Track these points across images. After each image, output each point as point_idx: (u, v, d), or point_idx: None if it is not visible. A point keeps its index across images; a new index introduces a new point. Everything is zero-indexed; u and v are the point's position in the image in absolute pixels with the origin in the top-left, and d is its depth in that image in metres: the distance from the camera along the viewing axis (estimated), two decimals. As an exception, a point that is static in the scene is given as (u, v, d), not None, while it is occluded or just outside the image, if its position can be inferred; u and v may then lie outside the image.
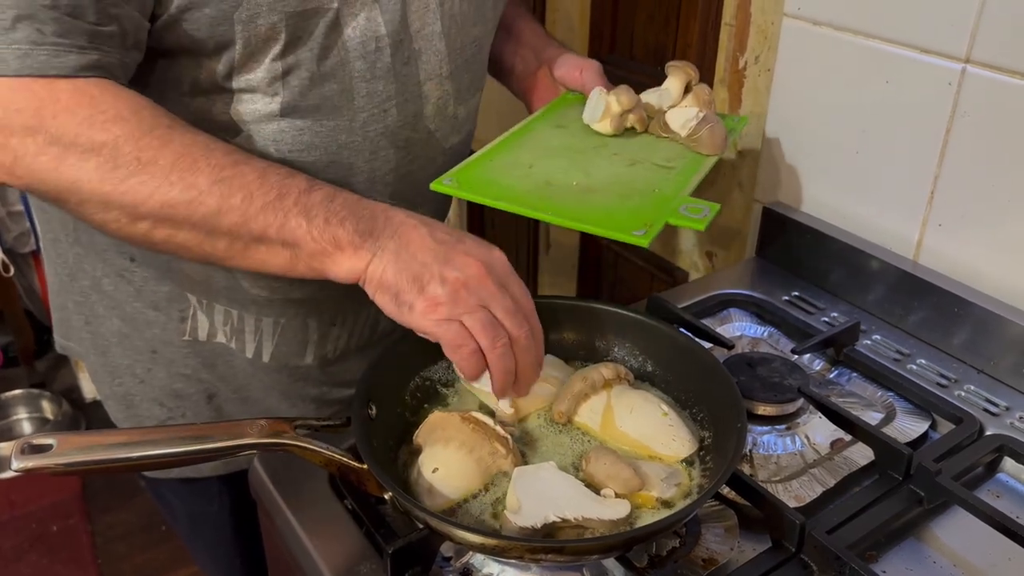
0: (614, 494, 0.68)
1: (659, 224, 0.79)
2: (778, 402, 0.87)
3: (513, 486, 0.68)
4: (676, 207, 0.81)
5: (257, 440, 0.66)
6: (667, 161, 0.92)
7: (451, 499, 0.69)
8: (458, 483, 0.69)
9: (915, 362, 0.97)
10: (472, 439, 0.70)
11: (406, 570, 0.69)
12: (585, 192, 0.85)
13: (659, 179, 0.88)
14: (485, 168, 0.88)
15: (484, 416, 0.72)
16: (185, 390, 0.95)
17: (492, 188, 0.84)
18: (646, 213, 0.80)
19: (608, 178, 0.87)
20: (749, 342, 1.01)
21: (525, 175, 0.87)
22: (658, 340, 0.84)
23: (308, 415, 0.99)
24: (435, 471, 0.69)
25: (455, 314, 0.67)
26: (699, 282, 1.12)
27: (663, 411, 0.76)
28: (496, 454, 0.70)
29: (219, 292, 0.89)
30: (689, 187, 0.86)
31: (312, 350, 0.96)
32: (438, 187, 0.84)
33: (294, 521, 0.76)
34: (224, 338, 0.92)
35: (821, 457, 0.84)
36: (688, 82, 1.00)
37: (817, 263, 1.09)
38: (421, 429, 0.74)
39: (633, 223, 0.78)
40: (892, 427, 0.87)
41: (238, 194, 0.68)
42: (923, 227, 1.00)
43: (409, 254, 0.68)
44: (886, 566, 0.75)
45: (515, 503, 0.67)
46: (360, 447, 0.68)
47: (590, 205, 0.82)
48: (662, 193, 0.85)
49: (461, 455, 0.70)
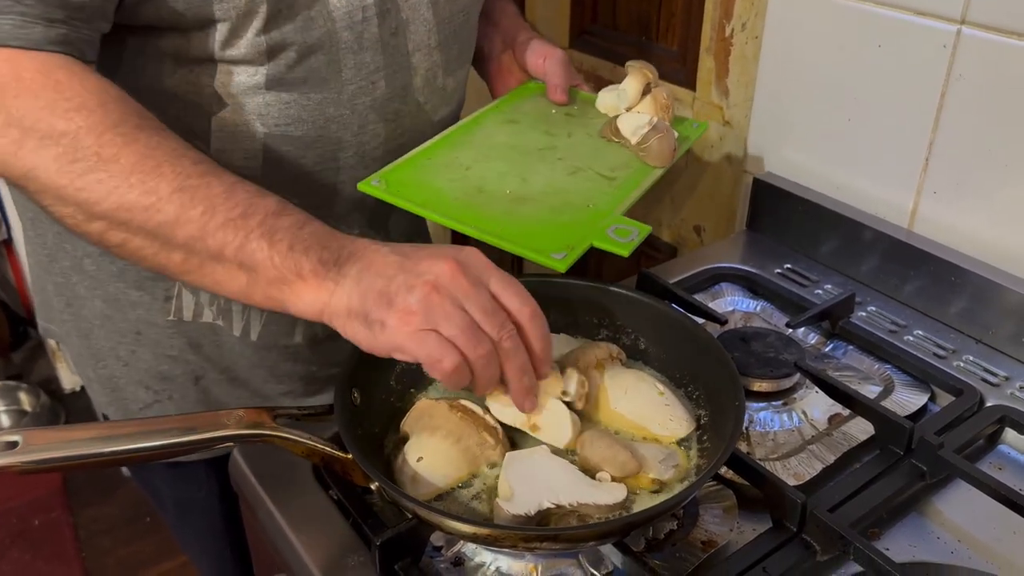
0: (610, 478, 0.65)
1: (582, 247, 0.74)
2: (774, 377, 0.85)
3: (505, 472, 0.66)
4: (605, 228, 0.77)
5: (235, 432, 0.63)
6: (611, 170, 0.87)
7: (436, 487, 0.66)
8: (443, 472, 0.66)
9: (912, 333, 0.95)
10: (460, 428, 0.68)
11: (395, 562, 0.67)
12: (517, 202, 0.81)
13: (597, 192, 0.83)
14: (420, 167, 0.84)
15: (473, 404, 0.69)
16: (171, 372, 0.92)
17: (421, 192, 0.80)
18: (573, 232, 0.76)
19: (544, 187, 0.83)
20: (742, 317, 0.99)
21: (460, 178, 0.83)
22: (650, 317, 0.82)
23: (297, 395, 0.97)
24: (420, 460, 0.67)
25: (430, 322, 0.60)
26: (689, 257, 1.09)
27: (659, 390, 0.74)
28: (484, 444, 0.67)
29: None
30: (625, 204, 0.82)
31: (301, 329, 0.93)
32: (365, 188, 0.80)
33: (277, 513, 0.73)
34: (211, 316, 0.89)
35: (819, 433, 0.82)
36: (647, 84, 0.96)
37: (809, 234, 1.06)
38: (408, 417, 0.71)
39: (555, 243, 0.74)
40: (891, 400, 0.85)
41: (199, 206, 0.63)
42: (918, 195, 0.98)
43: (372, 274, 0.62)
44: (889, 543, 0.73)
45: (507, 490, 0.64)
46: (344, 436, 0.65)
47: (517, 218, 0.78)
48: (596, 209, 0.81)
49: (447, 444, 0.67)
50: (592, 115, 0.98)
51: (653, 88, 0.96)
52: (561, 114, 0.98)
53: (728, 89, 1.17)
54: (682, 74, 1.24)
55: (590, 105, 1.00)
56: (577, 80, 1.02)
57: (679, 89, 1.23)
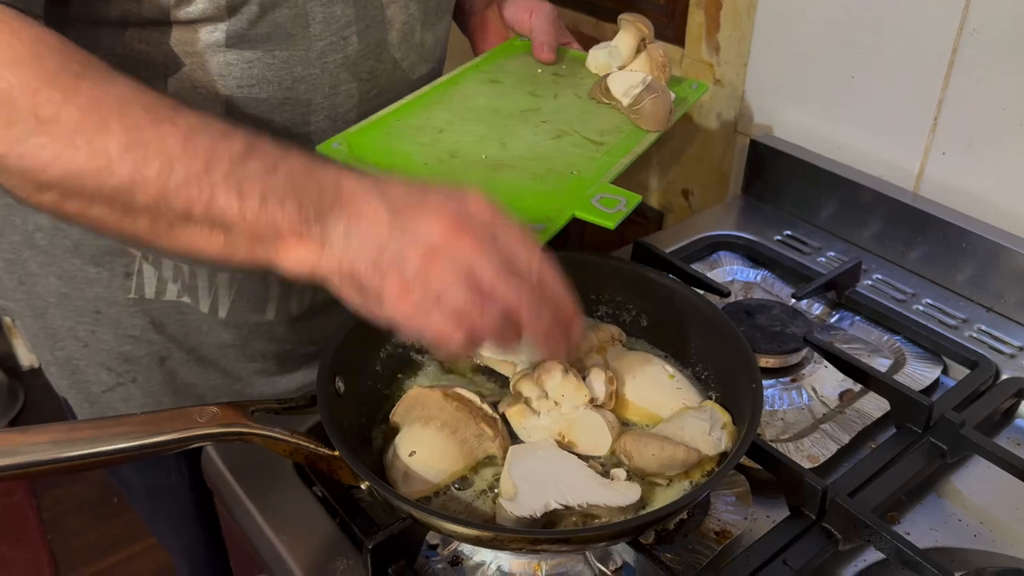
0: (624, 476, 0.60)
1: (563, 218, 0.67)
2: (782, 352, 0.80)
3: (508, 469, 0.60)
4: (590, 197, 0.70)
5: (208, 431, 0.57)
6: (600, 135, 0.80)
7: (430, 484, 0.61)
8: (438, 467, 0.61)
9: (920, 302, 0.90)
10: (455, 419, 0.62)
11: (389, 565, 0.61)
12: (493, 169, 0.73)
13: (583, 158, 0.76)
14: (389, 130, 0.77)
15: (470, 393, 0.64)
16: (134, 353, 0.86)
17: (386, 156, 0.73)
18: (554, 201, 0.69)
19: (525, 152, 0.76)
20: (742, 287, 0.94)
21: (431, 142, 0.76)
22: (653, 292, 0.76)
23: (271, 373, 0.92)
24: (412, 454, 0.61)
25: (430, 296, 0.52)
26: (684, 224, 1.04)
27: (668, 373, 0.69)
28: (482, 436, 0.62)
29: None
30: (613, 171, 0.75)
31: (274, 306, 0.87)
32: (325, 150, 0.72)
33: (256, 513, 0.67)
34: (175, 293, 0.83)
35: (831, 411, 0.78)
36: (641, 39, 0.89)
37: (809, 199, 1.02)
38: (399, 406, 0.65)
39: (533, 214, 0.66)
40: (903, 374, 0.81)
41: (155, 162, 0.55)
42: (925, 156, 0.93)
43: (362, 234, 0.54)
44: (909, 527, 0.69)
45: (510, 489, 0.59)
46: (329, 430, 0.59)
47: (492, 186, 0.71)
48: (581, 176, 0.74)
49: (442, 437, 0.61)
50: (582, 75, 0.91)
51: (648, 44, 0.89)
52: (548, 74, 0.91)
53: (719, 45, 1.11)
54: (670, 30, 1.17)
55: (580, 64, 0.93)
56: (567, 38, 0.95)
57: (666, 46, 1.17)
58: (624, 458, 0.63)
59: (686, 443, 0.62)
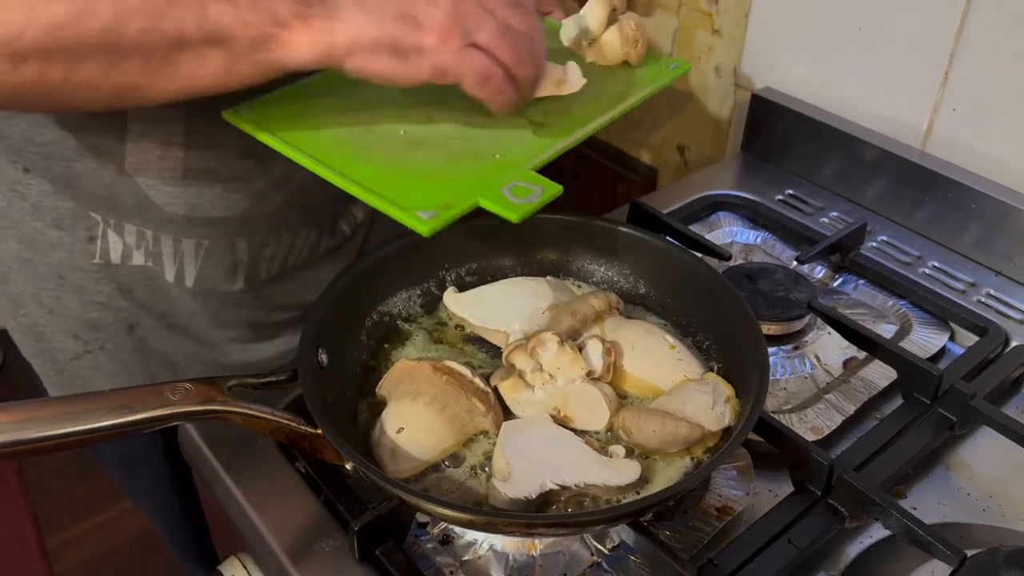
0: (623, 453, 0.57)
1: (461, 206, 0.60)
2: (786, 319, 0.77)
3: (501, 447, 0.57)
4: (501, 183, 0.62)
5: (182, 409, 0.53)
6: (544, 115, 0.71)
7: (419, 462, 0.58)
8: (427, 444, 0.58)
9: (926, 265, 0.87)
10: (445, 393, 0.59)
11: (376, 546, 0.58)
12: (407, 146, 0.67)
13: (514, 139, 0.68)
14: (306, 99, 0.70)
15: (460, 366, 0.60)
16: (101, 320, 0.82)
17: (294, 126, 0.66)
18: (461, 186, 0.62)
19: (450, 130, 0.69)
20: (742, 249, 0.90)
21: (350, 114, 0.69)
22: (651, 256, 0.73)
23: (245, 340, 0.88)
24: (400, 431, 0.58)
25: (468, 35, 0.56)
26: (681, 184, 1.00)
27: (669, 343, 0.65)
28: (474, 411, 0.59)
29: (127, 210, 0.76)
30: (543, 157, 0.67)
31: (242, 273, 0.83)
32: (229, 117, 0.66)
33: (236, 491, 0.64)
34: (141, 259, 0.79)
35: (835, 380, 0.75)
36: (612, 9, 0.80)
37: (812, 157, 0.98)
38: (386, 380, 0.62)
39: (427, 198, 0.60)
40: (909, 341, 0.78)
41: None
42: (934, 112, 0.89)
43: None
44: (916, 501, 0.67)
45: (504, 468, 0.56)
46: (311, 406, 0.56)
47: (400, 166, 0.64)
48: (503, 160, 0.66)
49: (431, 412, 0.58)
50: (556, 47, 0.81)
51: (620, 16, 0.81)
52: None
53: (720, -6, 1.06)
54: (668, -23, 1.12)
55: (555, 36, 0.82)
56: (549, 5, 0.88)
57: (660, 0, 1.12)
58: (623, 434, 0.60)
59: (688, 419, 0.59)
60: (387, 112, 0.69)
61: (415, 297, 0.73)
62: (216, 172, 0.73)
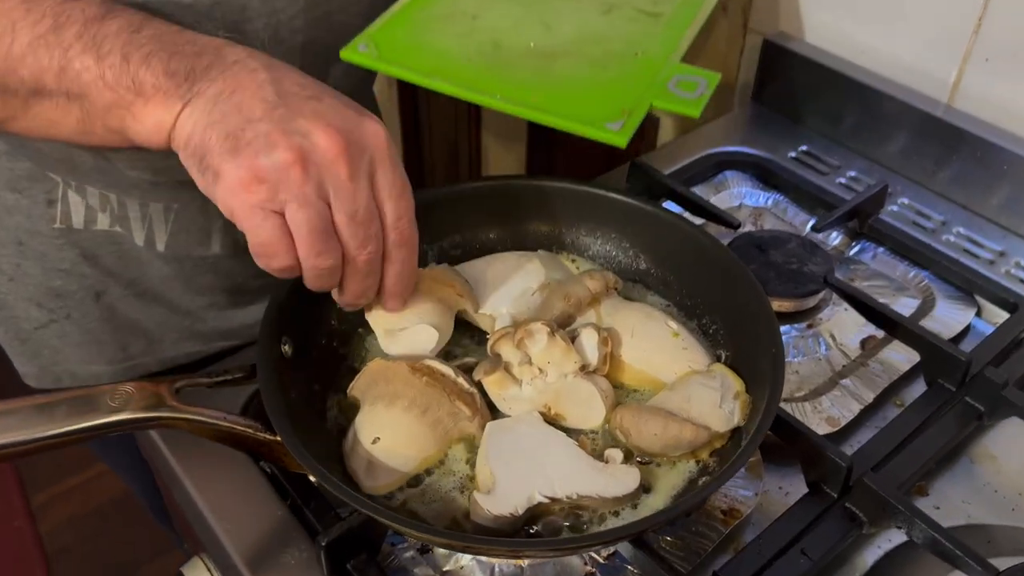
0: (621, 458, 0.51)
1: (642, 110, 0.58)
2: (800, 296, 0.71)
3: (484, 451, 0.51)
4: (664, 80, 0.60)
5: (121, 418, 0.47)
6: (654, 3, 0.69)
7: (398, 475, 0.52)
8: (407, 452, 0.52)
9: (951, 231, 0.80)
10: (426, 396, 0.52)
11: (348, 559, 0.53)
12: (545, 58, 0.63)
13: (643, 34, 0.66)
14: (414, 23, 0.65)
15: (442, 365, 0.54)
16: (65, 288, 0.78)
17: (422, 56, 0.62)
18: (624, 91, 0.60)
19: (575, 34, 0.66)
20: (751, 213, 0.83)
21: (467, 32, 0.65)
22: (653, 229, 0.66)
23: (222, 307, 0.83)
24: (376, 440, 0.52)
25: (277, 200, 0.46)
26: (684, 140, 0.92)
27: (672, 329, 0.59)
28: (458, 415, 0.52)
29: (87, 173, 0.70)
30: (681, 47, 0.65)
31: (218, 238, 0.77)
32: (350, 56, 0.61)
33: (195, 494, 0.58)
34: (106, 223, 0.74)
35: (852, 362, 0.69)
36: None
37: (828, 110, 0.90)
38: (359, 381, 0.55)
39: (605, 109, 0.57)
40: (932, 318, 0.72)
41: None
42: (964, 62, 0.81)
43: (232, 104, 0.47)
44: (939, 499, 0.61)
45: (487, 478, 0.50)
46: (270, 410, 0.50)
47: (551, 80, 0.61)
48: (646, 56, 0.64)
49: (411, 418, 0.52)
50: None
51: None
52: None
53: (730, -73, 0.96)
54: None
55: None
56: None
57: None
58: (620, 435, 0.54)
59: (693, 419, 0.53)
60: (503, 24, 0.66)
61: (393, 275, 0.66)
62: None
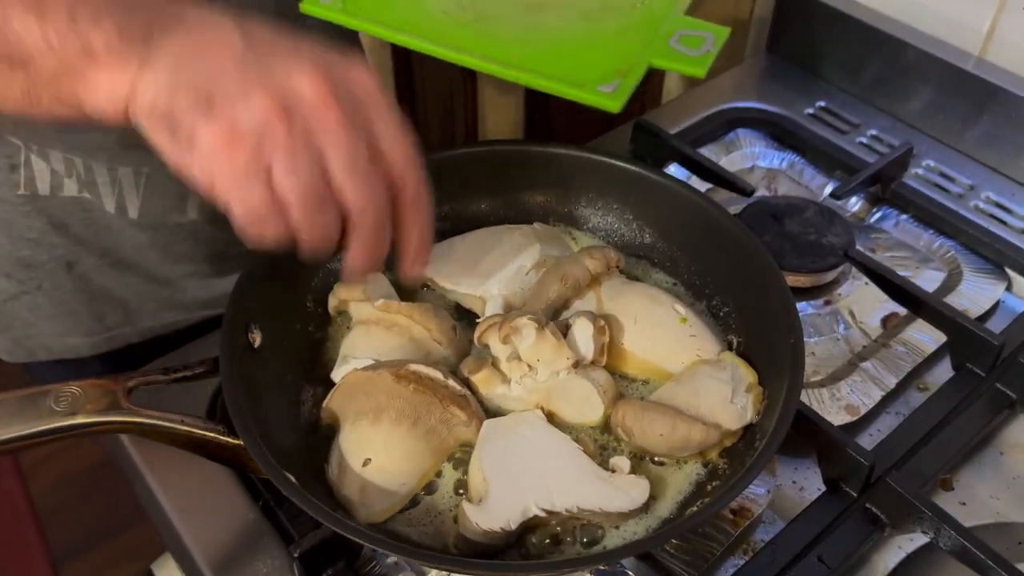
0: (628, 467, 0.46)
1: (638, 70, 0.51)
2: (818, 270, 0.65)
3: (478, 456, 0.46)
4: (666, 35, 0.53)
5: (63, 423, 0.42)
6: None
7: (396, 496, 0.46)
8: (403, 469, 0.46)
9: (979, 196, 0.75)
10: (414, 405, 0.47)
11: (324, 568, 0.49)
12: (532, 9, 0.56)
13: None
14: None
15: (429, 369, 0.48)
16: (35, 258, 0.74)
17: (393, 7, 0.56)
18: (621, 47, 0.53)
19: None
20: (765, 176, 0.77)
21: None
22: (659, 198, 0.60)
23: (204, 275, 0.78)
24: (367, 463, 0.46)
25: (261, 160, 0.40)
26: (693, 94, 0.85)
27: (679, 314, 0.54)
28: (451, 421, 0.47)
29: (48, 136, 0.66)
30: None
31: (195, 204, 0.73)
32: (311, 9, 0.54)
33: (158, 492, 0.54)
34: (74, 189, 0.70)
35: (872, 343, 0.64)
36: None
37: (849, 61, 0.83)
38: (334, 396, 0.50)
39: (599, 68, 0.51)
40: (958, 293, 0.67)
41: None
42: (999, 10, 0.75)
43: (200, 61, 0.42)
44: (965, 494, 0.57)
45: (480, 486, 0.45)
46: (233, 409, 0.45)
47: (539, 34, 0.54)
48: (647, 7, 0.57)
49: (401, 432, 0.46)
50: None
51: None
52: None
53: None
54: None
55: None
56: None
57: None
58: (622, 434, 0.49)
59: (703, 417, 0.48)
60: None
61: (375, 250, 0.60)
62: None
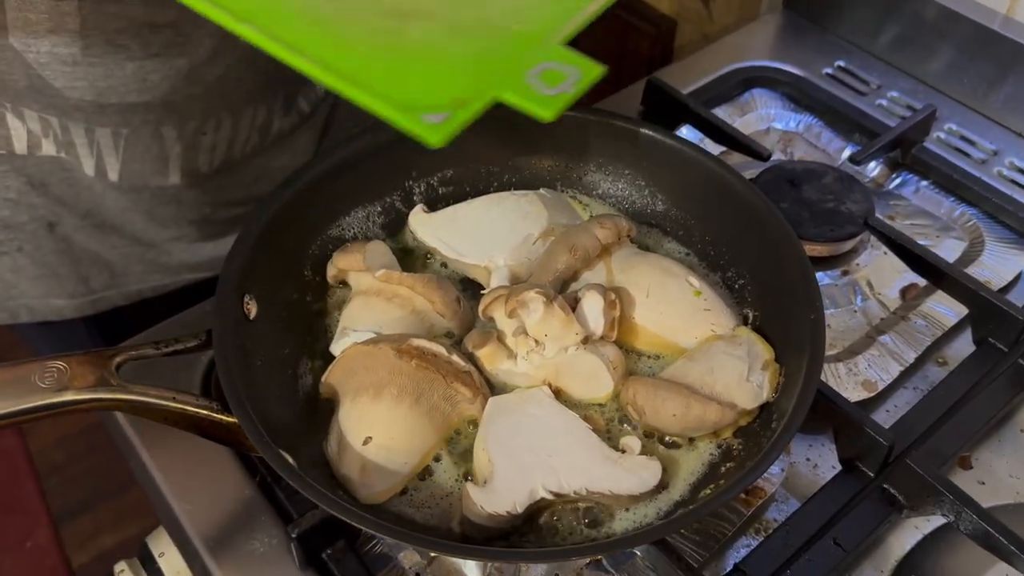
0: (639, 447, 0.44)
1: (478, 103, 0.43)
2: (837, 239, 0.63)
3: (483, 435, 0.44)
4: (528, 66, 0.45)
5: (49, 400, 0.40)
6: None
7: (398, 476, 0.45)
8: (405, 448, 0.45)
9: (1003, 162, 0.72)
10: (417, 382, 0.45)
11: (324, 547, 0.47)
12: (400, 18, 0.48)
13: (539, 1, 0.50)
14: None
15: (432, 343, 0.46)
16: (14, 219, 0.72)
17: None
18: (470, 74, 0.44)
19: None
20: (781, 138, 0.74)
21: None
22: (672, 164, 0.57)
23: (191, 240, 0.76)
24: (368, 441, 0.44)
25: None
26: (706, 52, 0.82)
27: (693, 287, 0.51)
28: (455, 398, 0.45)
29: (22, 93, 0.64)
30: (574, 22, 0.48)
31: (177, 166, 0.71)
32: None
33: (153, 468, 0.52)
34: (52, 149, 0.68)
35: (891, 315, 0.61)
36: None
37: (868, 19, 0.80)
38: (333, 370, 0.47)
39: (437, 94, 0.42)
40: (980, 263, 0.65)
41: None
42: (1030, -34, 0.71)
43: None
44: (984, 473, 0.55)
45: (485, 466, 0.43)
46: (227, 385, 0.43)
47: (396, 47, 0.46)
48: (523, 30, 0.48)
49: (403, 409, 0.44)
50: None
51: None
52: None
53: None
54: None
55: None
56: None
57: None
58: (633, 412, 0.47)
59: (717, 396, 0.46)
60: None
61: (374, 216, 0.58)
62: (126, 48, 0.60)
